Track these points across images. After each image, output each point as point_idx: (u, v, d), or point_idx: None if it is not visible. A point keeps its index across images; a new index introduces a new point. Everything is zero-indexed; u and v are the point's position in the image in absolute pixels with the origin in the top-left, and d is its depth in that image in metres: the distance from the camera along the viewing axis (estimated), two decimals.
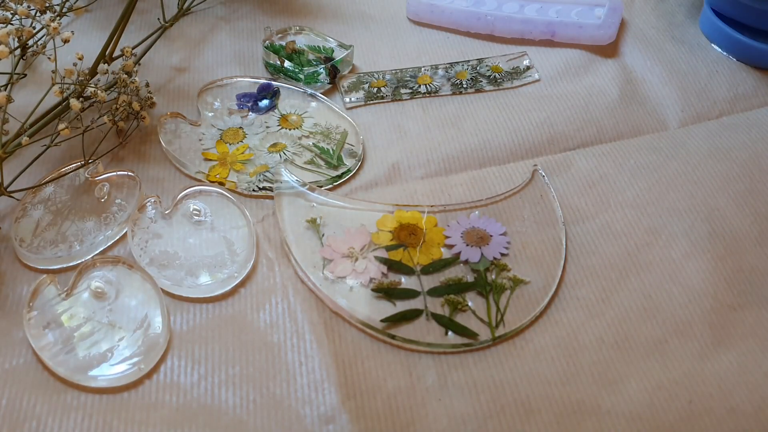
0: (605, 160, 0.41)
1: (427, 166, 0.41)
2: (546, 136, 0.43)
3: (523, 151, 0.42)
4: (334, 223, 0.38)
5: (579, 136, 0.43)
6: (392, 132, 0.43)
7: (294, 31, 0.49)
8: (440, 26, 0.51)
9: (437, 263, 0.36)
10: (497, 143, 0.42)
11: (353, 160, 0.41)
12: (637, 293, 0.35)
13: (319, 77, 0.46)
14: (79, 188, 0.39)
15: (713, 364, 0.32)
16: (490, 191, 0.40)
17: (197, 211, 0.38)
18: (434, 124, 0.44)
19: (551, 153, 0.42)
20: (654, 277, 0.36)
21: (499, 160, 0.42)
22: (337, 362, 0.32)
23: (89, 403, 0.31)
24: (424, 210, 0.38)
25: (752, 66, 0.48)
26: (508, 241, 0.37)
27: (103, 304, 0.34)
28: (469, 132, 0.43)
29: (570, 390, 0.32)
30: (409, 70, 0.47)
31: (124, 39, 0.44)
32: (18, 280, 0.35)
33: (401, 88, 0.46)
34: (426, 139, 0.43)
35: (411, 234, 0.37)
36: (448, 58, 0.48)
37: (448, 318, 0.34)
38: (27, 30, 0.37)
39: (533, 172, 0.40)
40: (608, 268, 0.36)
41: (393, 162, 0.41)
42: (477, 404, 0.31)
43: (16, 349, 0.33)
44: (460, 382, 0.32)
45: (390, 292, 0.35)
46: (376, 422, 0.31)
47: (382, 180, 0.41)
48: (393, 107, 0.45)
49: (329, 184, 0.40)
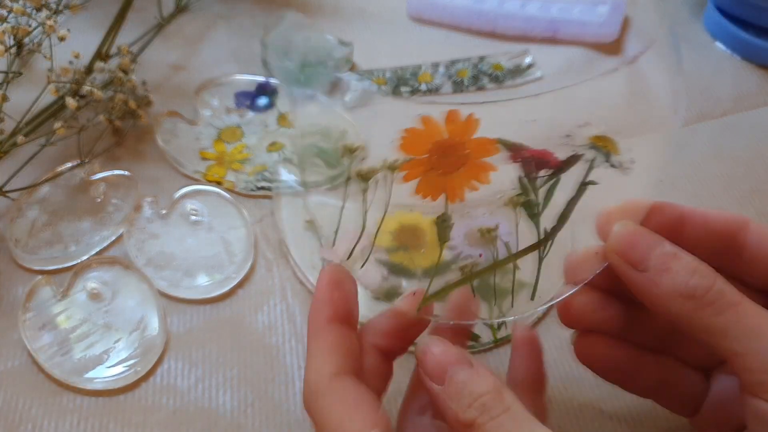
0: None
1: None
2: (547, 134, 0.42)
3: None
4: (333, 223, 0.37)
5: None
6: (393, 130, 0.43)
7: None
8: (441, 24, 0.51)
9: (439, 265, 0.36)
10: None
11: (350, 160, 0.41)
12: None
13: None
14: (75, 188, 0.39)
15: None
16: (493, 191, 0.39)
17: (195, 211, 0.38)
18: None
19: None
20: None
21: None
22: None
23: (85, 405, 0.31)
24: (425, 211, 0.38)
25: (756, 64, 0.47)
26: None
27: (99, 305, 0.34)
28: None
29: (572, 394, 0.31)
30: (409, 68, 0.47)
31: (121, 37, 0.44)
32: (13, 281, 0.35)
33: (401, 86, 0.45)
34: None
35: (412, 236, 0.37)
36: (449, 55, 0.48)
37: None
38: (23, 28, 0.36)
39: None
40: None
41: (393, 161, 0.41)
42: None
43: (12, 351, 0.32)
44: None
45: (391, 294, 0.34)
46: None
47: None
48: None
49: (328, 183, 0.40)
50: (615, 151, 0.26)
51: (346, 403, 0.22)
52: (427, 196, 0.27)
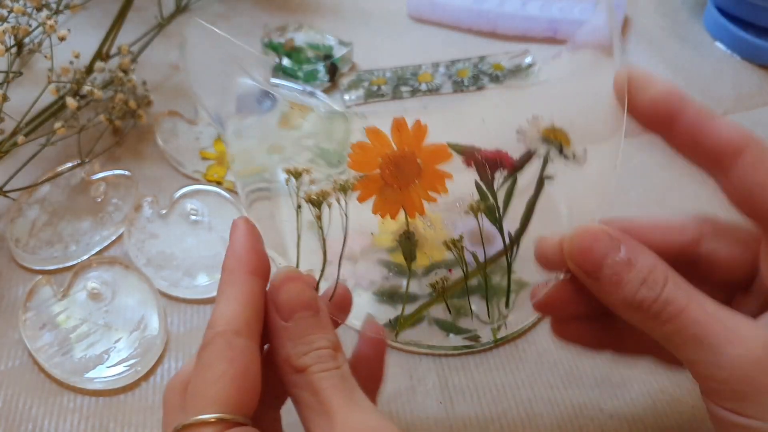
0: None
1: None
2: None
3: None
4: (334, 224, 0.37)
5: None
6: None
7: (293, 29, 0.49)
8: (441, 23, 0.51)
9: (440, 265, 0.35)
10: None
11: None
12: None
13: (318, 75, 0.45)
14: (75, 188, 0.39)
15: None
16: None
17: (194, 211, 0.37)
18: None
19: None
20: None
21: None
22: None
23: (86, 405, 0.31)
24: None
25: (756, 64, 0.47)
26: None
27: (99, 305, 0.34)
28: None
29: (572, 393, 0.31)
30: (409, 68, 0.47)
31: (121, 37, 0.43)
32: (14, 281, 0.35)
33: (402, 86, 0.45)
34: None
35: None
36: (449, 55, 0.48)
37: (450, 321, 0.33)
38: (23, 28, 0.36)
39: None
40: None
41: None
42: (478, 407, 0.31)
43: (12, 351, 0.32)
44: (462, 384, 0.31)
45: (391, 295, 0.34)
46: None
47: None
48: (393, 105, 0.44)
49: (326, 180, 0.40)
50: (566, 142, 0.25)
51: (220, 368, 0.20)
52: (386, 214, 0.26)
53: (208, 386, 0.20)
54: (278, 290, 0.23)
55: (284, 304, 0.22)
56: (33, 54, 0.40)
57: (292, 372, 0.22)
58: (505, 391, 0.31)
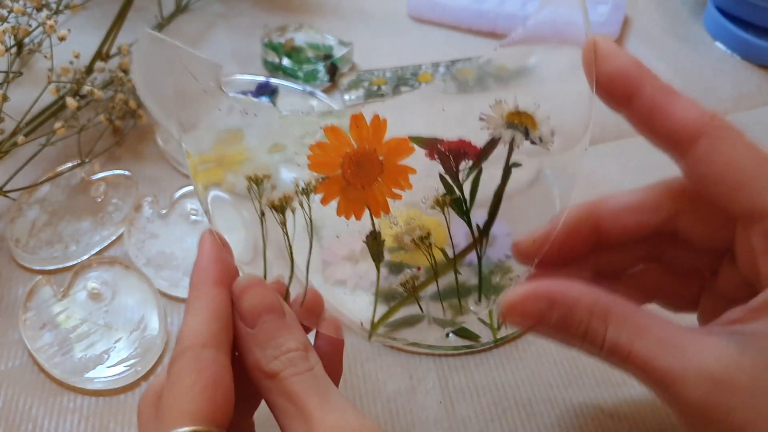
0: (608, 160, 0.41)
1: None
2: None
3: (527, 149, 0.42)
4: (334, 224, 0.37)
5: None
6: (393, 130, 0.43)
7: (293, 29, 0.49)
8: (441, 23, 0.51)
9: (440, 265, 0.35)
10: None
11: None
12: None
13: (318, 75, 0.45)
14: (75, 188, 0.39)
15: None
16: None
17: (194, 211, 0.37)
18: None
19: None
20: None
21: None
22: None
23: (86, 405, 0.31)
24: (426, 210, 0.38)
25: (756, 64, 0.47)
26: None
27: (99, 305, 0.34)
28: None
29: (572, 392, 0.31)
30: (409, 68, 0.47)
31: (121, 37, 0.44)
32: (14, 281, 0.35)
33: (402, 86, 0.45)
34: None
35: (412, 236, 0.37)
36: (449, 55, 0.48)
37: (450, 321, 0.33)
38: (23, 28, 0.36)
39: (538, 171, 0.39)
40: None
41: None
42: (478, 407, 0.31)
43: (12, 351, 0.32)
44: (462, 384, 0.31)
45: (390, 295, 0.34)
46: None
47: None
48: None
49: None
50: (533, 126, 0.24)
51: (189, 380, 0.20)
52: (351, 215, 0.25)
53: (177, 399, 0.20)
54: (240, 298, 0.23)
55: (247, 311, 0.22)
56: (33, 54, 0.40)
57: (263, 378, 0.21)
58: (505, 391, 0.31)
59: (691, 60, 0.47)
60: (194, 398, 0.20)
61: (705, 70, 0.47)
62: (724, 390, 0.19)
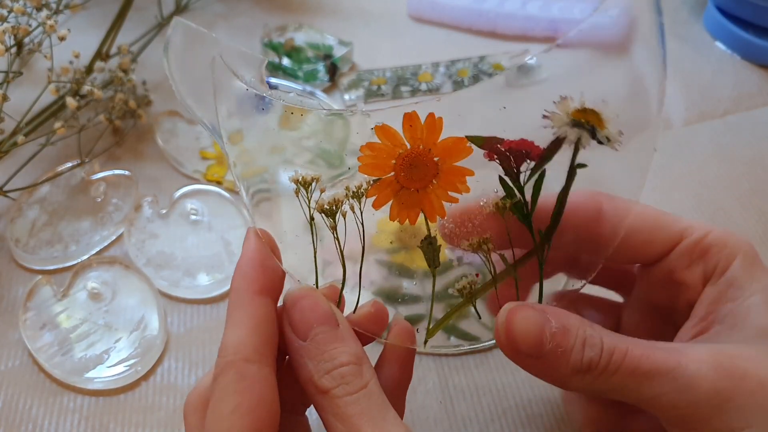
0: (609, 160, 0.41)
1: None
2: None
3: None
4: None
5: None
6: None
7: (293, 28, 0.49)
8: (441, 23, 0.51)
9: (440, 266, 0.35)
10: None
11: (355, 158, 0.41)
12: None
13: (318, 75, 0.45)
14: (75, 188, 0.39)
15: None
16: (494, 190, 0.39)
17: (194, 211, 0.37)
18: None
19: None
20: None
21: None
22: None
23: (86, 405, 0.31)
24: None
25: (757, 64, 0.47)
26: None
27: (99, 305, 0.34)
28: (471, 130, 0.43)
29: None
30: (409, 68, 0.47)
31: (121, 37, 0.43)
32: (14, 281, 0.35)
33: (402, 86, 0.45)
34: None
35: (413, 236, 0.37)
36: (449, 55, 0.48)
37: (450, 322, 0.33)
38: (23, 28, 0.36)
39: (540, 171, 0.39)
40: None
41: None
42: (479, 407, 0.31)
43: (12, 351, 0.32)
44: (462, 384, 0.31)
45: (391, 296, 0.34)
46: None
47: None
48: (396, 104, 0.44)
49: (329, 182, 0.40)
50: (600, 125, 0.23)
51: (234, 401, 0.20)
52: (405, 219, 0.24)
53: (223, 420, 0.20)
54: (291, 310, 0.22)
55: (299, 323, 0.22)
56: (33, 54, 0.40)
57: (316, 393, 0.21)
58: (505, 391, 0.31)
59: (691, 60, 0.47)
60: (240, 419, 0.19)
61: (705, 70, 0.47)
62: (735, 375, 0.20)
